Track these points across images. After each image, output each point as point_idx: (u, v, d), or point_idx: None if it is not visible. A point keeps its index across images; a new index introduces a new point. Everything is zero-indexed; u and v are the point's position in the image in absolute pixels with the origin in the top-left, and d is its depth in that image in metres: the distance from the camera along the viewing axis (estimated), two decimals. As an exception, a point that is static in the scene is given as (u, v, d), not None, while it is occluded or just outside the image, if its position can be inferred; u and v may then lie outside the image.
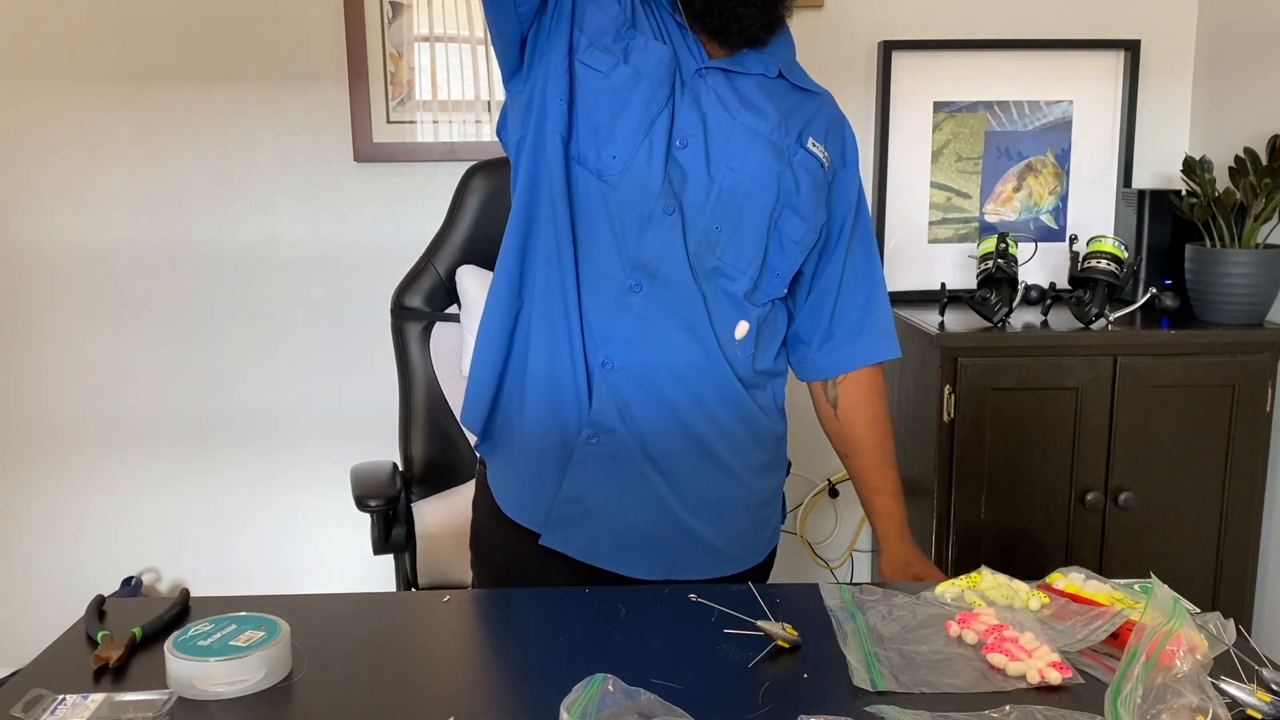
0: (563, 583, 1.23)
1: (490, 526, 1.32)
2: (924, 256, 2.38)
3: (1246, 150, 1.97)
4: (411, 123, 2.31)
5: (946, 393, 1.97)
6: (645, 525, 1.22)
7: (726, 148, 1.17)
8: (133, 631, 0.98)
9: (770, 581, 1.33)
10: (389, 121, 2.31)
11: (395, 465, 1.88)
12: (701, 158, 1.16)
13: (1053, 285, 2.16)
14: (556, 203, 1.17)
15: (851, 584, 1.11)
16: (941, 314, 2.14)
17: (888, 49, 2.31)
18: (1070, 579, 1.09)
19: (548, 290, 1.19)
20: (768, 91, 1.21)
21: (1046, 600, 1.05)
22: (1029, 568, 1.97)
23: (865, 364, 1.34)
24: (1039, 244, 2.33)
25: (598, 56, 1.15)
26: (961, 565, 2.00)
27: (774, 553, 1.36)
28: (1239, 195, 1.99)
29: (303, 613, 1.03)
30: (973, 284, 2.12)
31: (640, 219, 1.15)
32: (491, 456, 1.31)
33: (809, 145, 1.22)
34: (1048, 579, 1.09)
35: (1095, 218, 2.38)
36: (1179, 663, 0.85)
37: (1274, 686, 0.88)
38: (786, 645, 0.97)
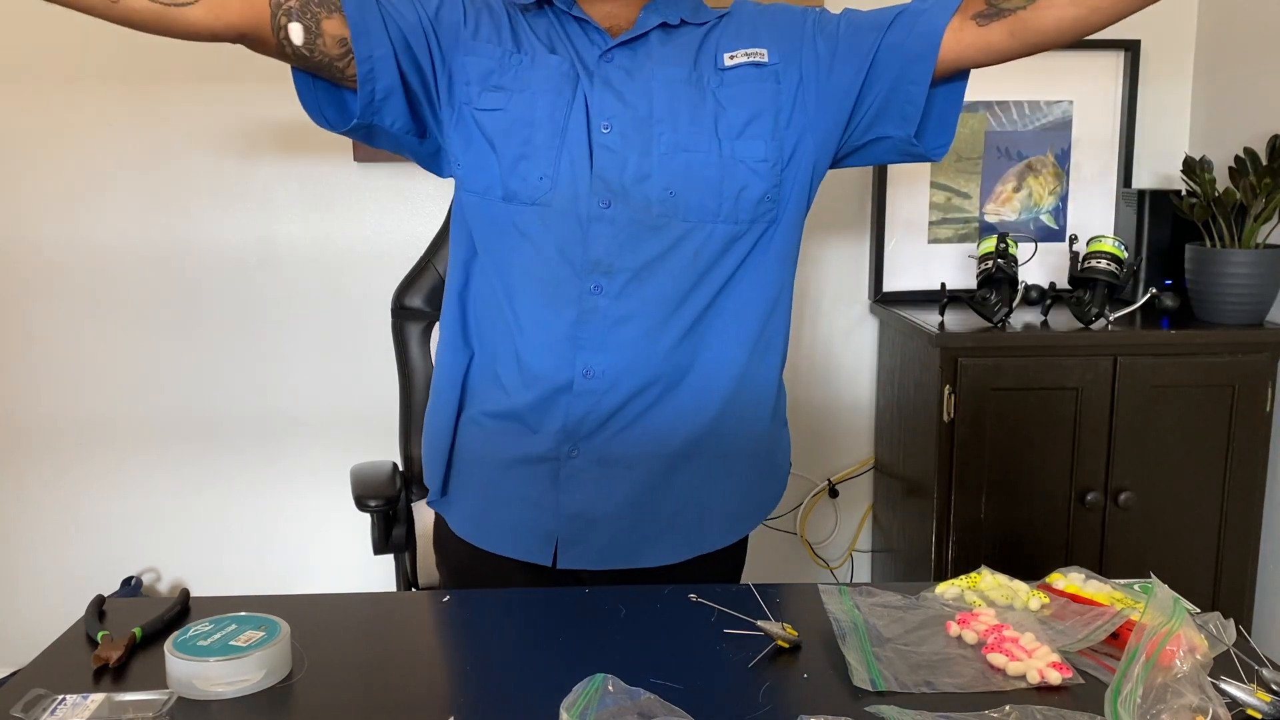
0: (528, 584, 1.24)
1: (451, 542, 1.32)
2: (924, 256, 2.38)
3: (1246, 150, 1.97)
4: (411, 123, 2.31)
5: (946, 393, 1.97)
6: (653, 513, 1.22)
7: (651, 111, 1.15)
8: (133, 631, 0.98)
9: (770, 581, 1.33)
10: (389, 121, 2.30)
11: (395, 465, 1.88)
12: (631, 130, 1.14)
13: (1053, 285, 2.16)
14: (488, 250, 1.19)
15: (851, 584, 1.11)
16: (941, 314, 2.14)
17: (888, 49, 2.30)
18: (1070, 579, 1.09)
19: (494, 331, 1.21)
20: (674, 39, 1.18)
21: (1046, 600, 1.05)
22: (1029, 568, 1.98)
23: None
24: (1039, 244, 2.33)
25: (491, 98, 1.16)
26: (961, 565, 2.00)
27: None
28: (1239, 195, 1.99)
29: (303, 613, 1.03)
30: (973, 284, 2.12)
31: (580, 223, 1.14)
32: (453, 508, 1.29)
33: (727, 62, 1.17)
34: (1048, 579, 1.09)
35: (1095, 218, 2.38)
36: (1179, 663, 0.85)
37: (1274, 686, 0.88)
38: (786, 645, 0.97)
